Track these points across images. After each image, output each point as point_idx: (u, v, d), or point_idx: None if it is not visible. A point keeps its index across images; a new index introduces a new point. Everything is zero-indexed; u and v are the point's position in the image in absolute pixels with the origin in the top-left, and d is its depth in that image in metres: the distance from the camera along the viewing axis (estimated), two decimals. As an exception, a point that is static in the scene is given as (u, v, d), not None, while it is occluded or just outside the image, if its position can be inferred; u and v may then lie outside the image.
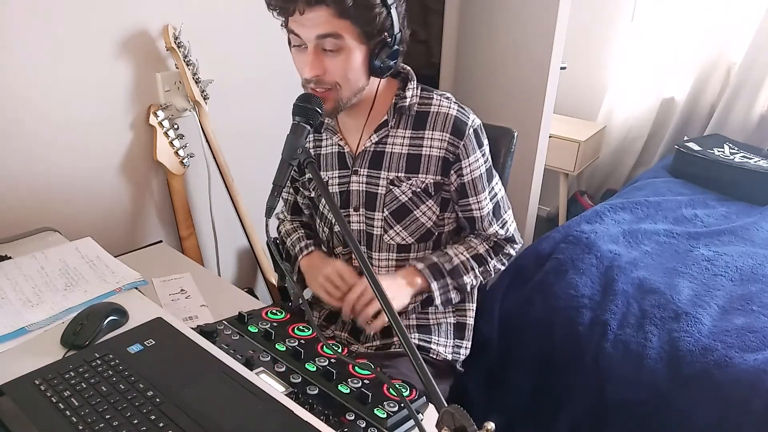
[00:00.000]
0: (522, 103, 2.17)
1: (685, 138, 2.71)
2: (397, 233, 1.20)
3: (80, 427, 0.75)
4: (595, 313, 1.66)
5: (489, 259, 1.24)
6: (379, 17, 1.01)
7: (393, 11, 1.02)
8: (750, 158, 2.43)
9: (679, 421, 1.44)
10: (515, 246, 1.29)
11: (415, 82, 1.18)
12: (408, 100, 1.16)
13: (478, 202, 1.20)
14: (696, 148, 2.49)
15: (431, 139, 1.15)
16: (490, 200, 1.22)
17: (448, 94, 1.20)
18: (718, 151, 2.48)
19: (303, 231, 1.37)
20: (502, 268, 1.28)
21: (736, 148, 2.53)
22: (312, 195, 1.30)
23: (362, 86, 1.09)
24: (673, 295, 1.66)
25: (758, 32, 2.62)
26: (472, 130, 1.15)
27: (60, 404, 0.79)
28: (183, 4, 1.46)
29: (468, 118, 1.16)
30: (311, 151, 1.27)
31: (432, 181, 1.17)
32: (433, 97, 1.18)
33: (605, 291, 1.72)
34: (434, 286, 1.18)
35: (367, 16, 1.00)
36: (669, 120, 2.99)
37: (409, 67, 1.19)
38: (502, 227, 1.25)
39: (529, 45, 2.09)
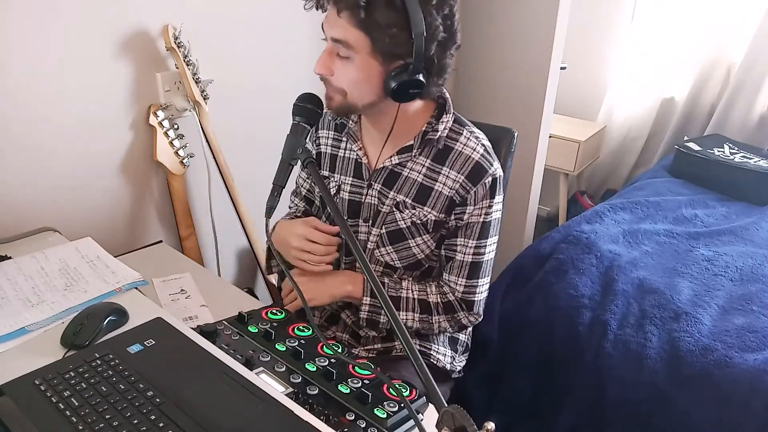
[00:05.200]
0: (522, 103, 2.17)
1: (685, 138, 2.71)
2: (388, 253, 1.19)
3: (80, 427, 0.75)
4: (595, 313, 1.66)
5: (435, 312, 1.18)
6: (395, 39, 0.96)
7: (419, 38, 0.95)
8: (750, 158, 2.43)
9: (679, 421, 1.44)
10: (471, 318, 1.20)
11: (451, 114, 1.14)
12: (438, 133, 1.11)
13: (465, 246, 1.15)
14: (696, 148, 2.49)
15: (447, 177, 1.12)
16: (474, 253, 1.15)
17: (479, 134, 1.16)
18: (718, 151, 2.48)
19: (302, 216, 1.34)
20: (449, 330, 1.21)
21: (736, 148, 2.53)
22: (321, 194, 1.30)
23: (372, 102, 1.05)
24: (673, 295, 1.66)
25: (758, 32, 2.62)
26: (490, 178, 1.11)
27: (60, 404, 0.79)
28: (183, 4, 1.46)
29: (491, 166, 1.11)
30: (329, 149, 1.25)
31: (434, 218, 1.14)
32: (462, 133, 1.13)
33: (605, 291, 1.72)
34: (366, 300, 1.16)
35: (380, 34, 0.96)
36: (669, 120, 2.99)
37: (448, 96, 1.15)
38: (466, 287, 1.17)
39: (529, 45, 2.09)
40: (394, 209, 1.16)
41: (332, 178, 1.24)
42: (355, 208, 1.20)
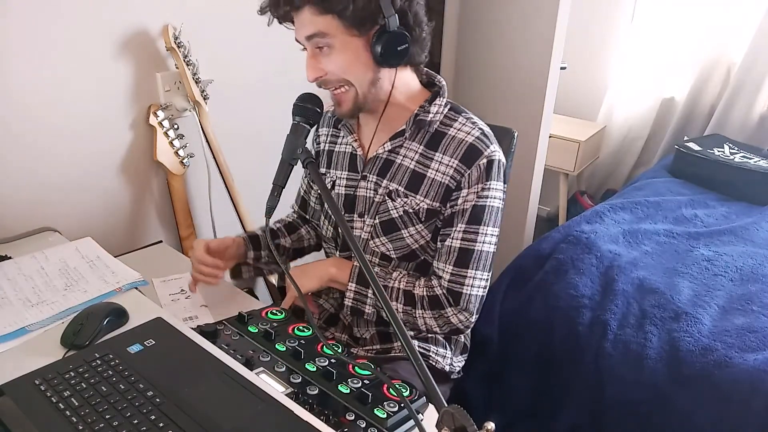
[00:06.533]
0: (522, 103, 2.17)
1: (685, 138, 2.71)
2: (383, 243, 1.17)
3: (80, 427, 0.75)
4: (595, 313, 1.66)
5: (419, 306, 1.12)
6: (357, 4, 0.96)
7: None
8: (750, 158, 2.43)
9: (679, 421, 1.44)
10: (460, 317, 1.11)
11: (446, 99, 1.13)
12: (430, 115, 1.10)
13: (456, 231, 1.10)
14: (696, 148, 2.49)
15: (439, 163, 1.09)
16: (463, 238, 1.09)
17: (477, 120, 1.13)
18: (718, 151, 2.48)
19: (282, 225, 1.37)
20: (437, 330, 1.14)
21: (736, 148, 2.53)
22: (319, 193, 1.30)
23: (373, 78, 1.05)
24: (673, 295, 1.66)
25: (758, 32, 2.62)
26: (486, 160, 1.07)
27: (60, 404, 0.79)
28: (183, 4, 1.46)
29: (487, 147, 1.07)
30: (327, 146, 1.25)
31: (427, 206, 1.11)
32: (457, 119, 1.11)
33: (605, 291, 1.72)
34: (351, 286, 1.14)
35: (343, 6, 0.97)
36: (669, 120, 2.99)
37: (444, 83, 1.14)
38: (453, 275, 1.10)
39: (529, 45, 2.09)
40: (387, 198, 1.14)
41: (327, 175, 1.24)
42: (350, 202, 1.19)
